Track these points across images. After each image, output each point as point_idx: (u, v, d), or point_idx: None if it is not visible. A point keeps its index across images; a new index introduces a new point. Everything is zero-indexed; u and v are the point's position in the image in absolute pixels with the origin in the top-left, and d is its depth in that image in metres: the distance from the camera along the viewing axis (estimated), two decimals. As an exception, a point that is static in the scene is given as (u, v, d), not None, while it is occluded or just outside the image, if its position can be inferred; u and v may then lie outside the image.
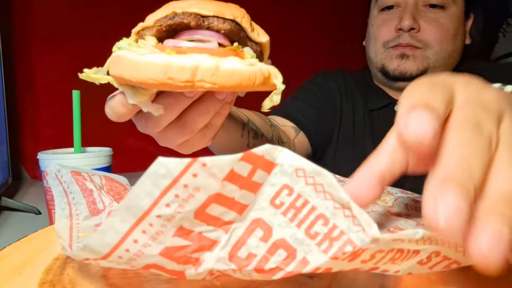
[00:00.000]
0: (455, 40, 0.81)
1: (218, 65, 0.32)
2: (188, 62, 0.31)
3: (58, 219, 0.37)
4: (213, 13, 0.34)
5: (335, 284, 0.29)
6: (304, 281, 0.30)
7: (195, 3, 0.35)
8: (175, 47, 0.34)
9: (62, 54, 1.37)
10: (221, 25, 0.35)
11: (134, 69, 0.32)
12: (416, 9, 0.79)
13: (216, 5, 0.36)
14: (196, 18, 0.34)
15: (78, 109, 0.66)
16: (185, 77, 0.31)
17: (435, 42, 0.79)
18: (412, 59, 0.80)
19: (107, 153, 0.66)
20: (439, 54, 0.80)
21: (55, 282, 0.30)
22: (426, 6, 0.80)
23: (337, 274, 0.31)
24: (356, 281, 0.30)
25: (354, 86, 0.96)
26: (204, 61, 0.32)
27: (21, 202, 0.87)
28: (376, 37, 0.86)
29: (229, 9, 0.36)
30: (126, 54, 0.34)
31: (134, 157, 1.37)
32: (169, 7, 0.35)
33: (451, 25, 0.79)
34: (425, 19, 0.79)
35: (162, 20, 0.35)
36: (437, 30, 0.79)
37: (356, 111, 0.93)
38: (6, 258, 0.34)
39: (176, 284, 0.29)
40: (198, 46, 0.35)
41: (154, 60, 0.32)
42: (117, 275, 0.30)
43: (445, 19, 0.79)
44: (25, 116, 1.36)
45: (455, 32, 0.80)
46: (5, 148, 1.05)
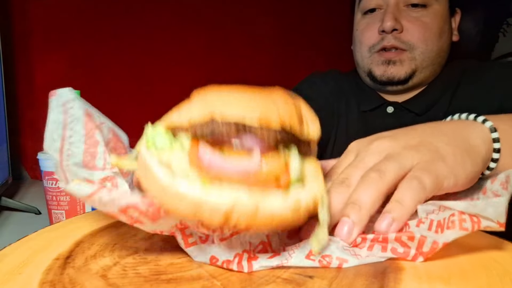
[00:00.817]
0: (440, 38, 0.80)
1: (258, 207, 0.27)
2: (222, 203, 0.26)
3: (47, 147, 0.35)
4: (257, 120, 0.29)
5: (335, 284, 0.29)
6: (304, 281, 0.30)
7: (240, 105, 0.30)
8: (210, 168, 0.29)
9: (62, 54, 1.37)
10: (265, 135, 0.30)
11: (162, 195, 0.28)
12: (398, 10, 0.78)
13: (261, 106, 0.30)
14: (237, 128, 0.29)
15: (78, 109, 0.65)
16: (217, 220, 0.27)
17: (419, 42, 0.78)
18: (399, 64, 0.79)
19: (107, 153, 0.66)
20: (425, 53, 0.79)
21: (55, 282, 0.30)
22: (408, 6, 0.78)
23: (337, 274, 0.31)
24: (357, 281, 0.30)
25: (347, 87, 0.96)
26: (242, 202, 0.27)
27: (21, 202, 0.87)
28: (361, 41, 0.85)
29: (275, 111, 0.30)
30: (155, 170, 0.28)
31: (134, 157, 1.37)
32: (207, 106, 0.30)
33: (434, 24, 0.78)
34: (407, 19, 0.78)
35: (199, 128, 0.30)
36: (421, 30, 0.78)
37: (350, 112, 0.92)
38: (6, 258, 0.34)
39: (176, 283, 0.29)
40: (234, 169, 0.29)
41: (186, 192, 0.27)
42: (117, 275, 0.30)
43: (428, 17, 0.78)
44: (25, 116, 1.36)
45: (440, 30, 0.79)
46: (5, 148, 1.05)
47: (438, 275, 0.30)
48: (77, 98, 0.39)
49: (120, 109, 1.45)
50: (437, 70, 0.84)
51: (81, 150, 0.37)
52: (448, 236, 0.31)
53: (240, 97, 0.31)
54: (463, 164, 0.38)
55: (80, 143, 0.37)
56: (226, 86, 0.34)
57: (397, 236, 0.33)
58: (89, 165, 0.37)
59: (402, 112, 0.84)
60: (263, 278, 0.30)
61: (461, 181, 0.37)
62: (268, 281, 0.30)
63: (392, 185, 0.35)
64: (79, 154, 0.37)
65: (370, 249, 0.33)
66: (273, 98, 0.32)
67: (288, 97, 0.34)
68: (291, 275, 0.31)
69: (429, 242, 0.32)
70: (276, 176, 0.30)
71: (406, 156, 0.37)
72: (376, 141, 0.41)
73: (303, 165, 0.34)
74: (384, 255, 0.33)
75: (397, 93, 0.86)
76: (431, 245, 0.32)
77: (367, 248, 0.34)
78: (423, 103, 0.82)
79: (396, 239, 0.33)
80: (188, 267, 0.32)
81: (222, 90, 0.32)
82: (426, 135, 0.41)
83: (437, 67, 0.83)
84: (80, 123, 0.38)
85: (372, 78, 0.85)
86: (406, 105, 0.84)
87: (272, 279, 0.30)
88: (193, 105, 0.31)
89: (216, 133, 0.30)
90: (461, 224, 0.31)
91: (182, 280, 0.30)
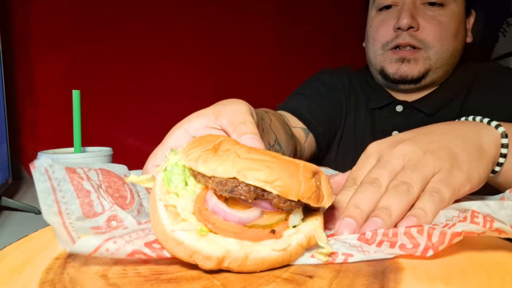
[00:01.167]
0: (456, 38, 0.79)
1: (248, 255, 0.30)
2: (215, 253, 0.30)
3: (46, 214, 0.36)
4: (278, 191, 0.31)
5: (335, 284, 0.29)
6: (304, 281, 0.30)
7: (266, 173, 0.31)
8: (210, 218, 0.32)
9: (61, 54, 1.37)
10: (281, 205, 0.32)
11: (163, 240, 0.32)
12: (415, 7, 0.77)
13: (288, 179, 0.31)
14: (256, 193, 0.31)
15: (78, 109, 0.66)
16: (209, 265, 0.30)
17: (435, 41, 0.77)
18: (413, 62, 0.78)
19: (107, 153, 0.66)
20: (440, 54, 0.78)
21: (55, 281, 0.30)
22: (425, 4, 0.77)
23: (337, 274, 0.31)
24: (357, 281, 0.30)
25: (357, 84, 0.95)
26: (233, 251, 0.30)
27: (21, 202, 0.87)
28: (375, 38, 0.84)
29: (297, 188, 0.32)
30: (161, 213, 0.32)
31: (134, 157, 1.37)
32: (235, 167, 0.31)
33: (451, 23, 0.77)
34: (424, 17, 0.77)
35: (220, 186, 0.31)
36: (437, 29, 0.77)
37: (358, 109, 0.92)
38: (6, 258, 0.34)
39: (176, 283, 0.29)
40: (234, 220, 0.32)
41: (182, 240, 0.30)
42: (117, 275, 0.30)
43: (444, 17, 0.77)
44: (25, 116, 1.36)
45: (456, 31, 0.78)
46: (5, 148, 1.05)
47: (438, 275, 0.30)
48: (55, 161, 0.41)
49: (120, 109, 1.45)
50: (449, 71, 0.83)
51: (77, 205, 0.38)
52: (458, 227, 0.32)
53: (267, 166, 0.32)
54: (477, 169, 0.42)
55: (73, 199, 0.39)
56: (256, 150, 0.34)
57: (406, 230, 0.34)
58: (90, 215, 0.39)
59: (411, 112, 0.84)
60: (263, 278, 0.30)
61: (475, 185, 0.42)
62: (268, 281, 0.30)
63: (417, 197, 0.39)
64: (77, 209, 0.38)
65: (379, 245, 0.34)
66: (299, 173, 0.33)
67: (311, 173, 0.35)
68: (291, 275, 0.31)
69: (438, 231, 0.32)
70: (272, 228, 0.33)
71: (428, 164, 0.41)
72: (399, 145, 0.44)
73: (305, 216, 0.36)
74: (392, 252, 0.33)
75: (408, 92, 0.86)
76: (439, 234, 0.32)
77: (376, 244, 0.34)
78: (433, 104, 0.82)
79: (405, 233, 0.34)
80: (188, 267, 0.32)
81: (252, 155, 0.33)
82: (443, 139, 0.44)
83: (450, 68, 0.82)
84: (66, 182, 0.40)
85: (384, 76, 0.84)
86: (416, 104, 0.83)
87: (272, 279, 0.30)
88: (220, 161, 0.32)
89: (235, 192, 0.31)
90: (473, 219, 0.32)
91: (182, 279, 0.30)
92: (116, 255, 0.30)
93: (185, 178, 0.36)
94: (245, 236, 0.31)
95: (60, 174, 0.40)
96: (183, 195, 0.35)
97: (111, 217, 0.39)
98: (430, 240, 0.32)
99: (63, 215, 0.37)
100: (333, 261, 0.32)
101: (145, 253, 0.31)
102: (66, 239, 0.34)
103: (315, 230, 0.34)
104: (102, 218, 0.39)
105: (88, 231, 0.36)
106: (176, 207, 0.33)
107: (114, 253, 0.30)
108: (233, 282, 0.30)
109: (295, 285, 0.29)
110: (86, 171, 0.43)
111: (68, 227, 0.36)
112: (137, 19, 1.44)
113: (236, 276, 0.31)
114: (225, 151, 0.33)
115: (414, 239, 0.33)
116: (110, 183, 0.44)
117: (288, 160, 0.34)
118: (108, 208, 0.40)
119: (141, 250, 0.31)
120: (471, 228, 0.31)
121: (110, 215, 0.39)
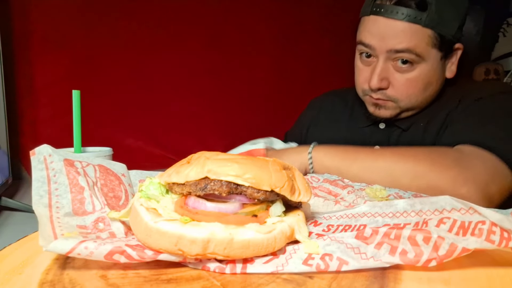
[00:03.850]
0: (425, 91, 0.82)
1: (233, 237, 0.31)
2: (200, 235, 0.30)
3: (35, 204, 0.36)
4: (249, 183, 0.32)
5: (335, 284, 0.29)
6: (304, 281, 0.30)
7: (235, 168, 0.33)
8: (192, 210, 0.33)
9: (61, 54, 1.37)
10: (255, 195, 0.33)
11: (146, 236, 0.32)
12: (386, 67, 0.80)
13: (257, 171, 0.33)
14: (228, 187, 0.32)
15: (78, 109, 0.66)
16: (195, 250, 0.30)
17: (403, 97, 0.81)
18: (384, 109, 0.85)
19: (107, 153, 0.66)
20: (409, 104, 0.83)
21: (55, 282, 0.30)
22: (397, 60, 0.79)
23: (337, 275, 0.31)
24: (356, 281, 0.30)
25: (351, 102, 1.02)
26: (218, 233, 0.30)
27: (21, 202, 0.87)
28: (357, 79, 0.89)
29: (268, 179, 0.33)
30: (142, 214, 0.33)
31: (134, 157, 1.37)
32: (205, 168, 0.33)
33: (419, 81, 0.81)
34: (394, 76, 0.81)
35: (193, 186, 0.33)
36: (404, 88, 0.81)
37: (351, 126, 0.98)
38: (6, 258, 0.34)
39: (176, 284, 0.29)
40: (215, 210, 0.33)
41: (167, 229, 0.31)
42: (117, 276, 0.30)
43: (413, 74, 0.80)
44: (25, 116, 1.36)
45: (425, 86, 0.82)
46: (5, 148, 1.05)
47: (438, 276, 0.30)
48: (54, 151, 0.41)
49: (120, 109, 1.45)
50: (426, 105, 0.87)
51: (69, 200, 0.38)
52: (470, 243, 0.29)
53: (236, 162, 0.34)
54: None
55: (66, 193, 0.39)
56: (224, 153, 0.36)
57: (411, 235, 0.31)
58: (80, 212, 0.38)
59: (392, 128, 0.90)
60: (263, 278, 0.30)
61: None
62: (268, 281, 0.30)
63: None
64: (68, 204, 0.38)
65: (378, 248, 0.31)
66: (268, 165, 0.35)
67: (282, 167, 0.36)
68: (291, 275, 0.31)
69: (447, 244, 0.30)
70: (254, 214, 0.34)
71: None
72: None
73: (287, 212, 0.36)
74: (390, 261, 0.30)
75: None
76: (449, 248, 0.29)
77: (375, 245, 0.32)
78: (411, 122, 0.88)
79: (409, 238, 0.31)
80: (188, 267, 0.32)
81: (220, 156, 0.35)
82: None
83: (425, 104, 0.86)
84: (62, 174, 0.40)
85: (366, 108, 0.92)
86: (396, 122, 0.89)
87: (272, 279, 0.30)
88: (191, 167, 0.34)
89: (207, 189, 0.33)
90: (489, 235, 0.29)
91: (182, 280, 0.30)
92: (95, 254, 0.29)
93: (161, 193, 0.37)
94: (228, 220, 0.32)
95: (58, 165, 0.40)
96: (163, 200, 0.36)
97: (100, 219, 0.38)
98: (435, 251, 0.30)
99: (52, 208, 0.37)
100: (326, 268, 0.31)
101: (124, 251, 0.30)
102: (48, 235, 0.33)
103: (297, 223, 0.35)
104: (90, 218, 0.38)
105: (74, 229, 0.36)
106: (157, 209, 0.34)
107: (93, 252, 0.29)
108: (233, 282, 0.30)
109: (295, 285, 0.29)
110: (85, 165, 0.43)
111: (54, 222, 0.35)
112: (137, 20, 1.44)
113: (236, 276, 0.31)
114: (195, 159, 0.35)
115: (418, 247, 0.30)
116: (106, 182, 0.44)
117: (257, 158, 0.36)
118: (99, 209, 0.39)
119: (122, 248, 0.30)
120: (485, 246, 0.29)
121: (99, 217, 0.38)
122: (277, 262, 0.32)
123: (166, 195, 0.37)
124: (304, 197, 0.37)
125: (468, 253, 0.29)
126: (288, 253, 0.33)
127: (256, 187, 0.32)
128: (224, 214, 0.32)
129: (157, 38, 1.48)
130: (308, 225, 0.39)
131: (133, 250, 0.30)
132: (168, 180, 0.35)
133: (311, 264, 0.31)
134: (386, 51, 0.79)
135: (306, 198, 0.37)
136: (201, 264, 0.32)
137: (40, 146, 0.39)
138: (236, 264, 0.31)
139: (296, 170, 0.39)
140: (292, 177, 0.36)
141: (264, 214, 0.34)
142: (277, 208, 0.35)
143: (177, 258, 0.31)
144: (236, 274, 0.31)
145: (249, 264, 0.32)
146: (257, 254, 0.32)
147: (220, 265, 0.31)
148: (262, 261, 0.32)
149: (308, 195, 0.37)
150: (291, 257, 0.32)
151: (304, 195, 0.36)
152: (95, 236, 0.35)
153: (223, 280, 0.30)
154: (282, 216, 0.35)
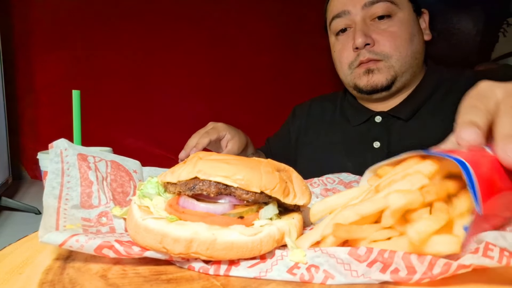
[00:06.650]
0: (411, 42, 0.83)
1: (216, 237, 0.31)
2: (183, 234, 0.30)
3: (46, 195, 0.37)
4: (238, 184, 0.32)
5: (335, 284, 0.29)
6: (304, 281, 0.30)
7: (225, 168, 0.33)
8: (179, 209, 0.34)
9: (61, 54, 1.37)
10: (244, 196, 0.33)
11: (135, 233, 0.33)
12: (366, 25, 0.83)
13: (248, 172, 0.33)
14: (217, 188, 0.33)
15: (78, 109, 0.66)
16: (179, 249, 0.30)
17: (392, 50, 0.82)
18: (377, 72, 0.84)
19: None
20: (401, 60, 0.83)
21: (55, 282, 0.30)
22: (374, 19, 0.83)
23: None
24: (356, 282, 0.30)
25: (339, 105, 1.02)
26: (201, 233, 0.31)
27: (21, 202, 0.87)
28: (340, 61, 0.91)
29: (258, 180, 0.33)
30: (134, 211, 0.34)
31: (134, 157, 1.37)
32: (195, 168, 0.34)
33: (403, 30, 0.83)
34: (376, 32, 0.83)
35: (183, 186, 0.34)
36: (391, 39, 0.82)
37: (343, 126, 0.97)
38: (6, 258, 0.34)
39: (176, 284, 0.29)
40: (203, 210, 0.33)
41: (153, 227, 0.32)
42: (117, 275, 0.30)
43: (395, 26, 0.82)
44: (25, 116, 1.36)
45: (409, 36, 0.83)
46: (5, 148, 1.05)
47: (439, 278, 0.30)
48: (70, 145, 0.42)
49: (120, 109, 1.45)
50: (417, 72, 0.87)
51: (78, 193, 0.40)
52: (466, 259, 0.28)
53: (227, 163, 0.34)
54: None
55: (77, 186, 0.40)
56: (218, 154, 0.37)
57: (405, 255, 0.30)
58: (86, 205, 0.40)
59: (390, 120, 0.88)
60: (263, 279, 0.30)
61: None
62: (268, 281, 0.30)
63: None
64: (77, 196, 0.39)
65: (370, 266, 0.30)
66: (260, 167, 0.35)
67: (275, 169, 0.36)
68: (291, 275, 0.31)
69: (442, 262, 0.29)
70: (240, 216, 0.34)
71: None
72: None
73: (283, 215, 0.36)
74: (380, 278, 0.29)
75: (383, 100, 0.91)
76: (443, 265, 0.28)
77: (368, 263, 0.31)
78: (408, 109, 0.86)
79: (403, 258, 0.30)
80: (188, 268, 0.32)
81: (213, 156, 0.35)
82: None
83: (416, 69, 0.86)
84: (75, 168, 0.41)
85: (358, 90, 0.90)
86: (393, 112, 0.88)
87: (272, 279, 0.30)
88: (184, 166, 0.35)
89: (195, 189, 0.33)
90: (486, 252, 0.28)
91: (182, 280, 0.30)
92: (85, 247, 0.30)
93: (158, 192, 0.38)
94: (213, 220, 0.32)
95: (72, 159, 0.41)
96: (156, 198, 0.37)
97: (103, 213, 0.39)
98: (430, 271, 0.29)
99: (61, 199, 0.38)
100: (310, 279, 0.29)
101: (112, 246, 0.31)
102: (50, 226, 0.34)
103: (288, 226, 0.35)
104: (95, 212, 0.39)
105: (78, 221, 0.37)
106: (149, 207, 0.35)
107: (83, 245, 0.30)
108: (232, 282, 0.30)
109: (295, 285, 0.29)
110: (97, 161, 0.44)
111: (60, 213, 0.36)
112: (137, 20, 1.44)
113: (236, 276, 0.31)
114: (190, 159, 0.36)
115: (412, 267, 0.29)
116: (116, 177, 0.45)
117: (251, 159, 0.36)
118: (104, 203, 0.40)
119: (110, 243, 0.31)
120: (483, 262, 0.27)
121: (103, 211, 0.40)
122: (262, 267, 0.31)
123: (163, 194, 0.38)
124: (300, 200, 0.36)
125: (468, 269, 0.28)
126: (275, 259, 0.32)
127: (245, 188, 0.33)
128: (210, 215, 0.33)
129: (157, 38, 1.48)
130: (309, 230, 0.39)
131: (121, 246, 0.31)
132: (163, 180, 0.36)
133: (295, 273, 0.30)
134: (361, 7, 0.81)
135: (303, 201, 0.36)
136: (187, 263, 0.32)
137: (57, 140, 0.41)
138: (220, 265, 0.31)
139: (294, 172, 0.38)
140: (287, 179, 0.36)
141: (252, 216, 0.34)
142: (268, 211, 0.35)
143: (163, 256, 0.32)
144: (219, 276, 0.31)
145: (233, 266, 0.31)
146: (241, 256, 0.32)
147: (205, 265, 0.31)
148: (247, 264, 0.32)
149: (305, 198, 0.36)
150: (277, 263, 0.31)
151: (300, 198, 0.36)
152: (96, 230, 0.36)
153: (223, 280, 0.30)
154: (274, 219, 0.35)
